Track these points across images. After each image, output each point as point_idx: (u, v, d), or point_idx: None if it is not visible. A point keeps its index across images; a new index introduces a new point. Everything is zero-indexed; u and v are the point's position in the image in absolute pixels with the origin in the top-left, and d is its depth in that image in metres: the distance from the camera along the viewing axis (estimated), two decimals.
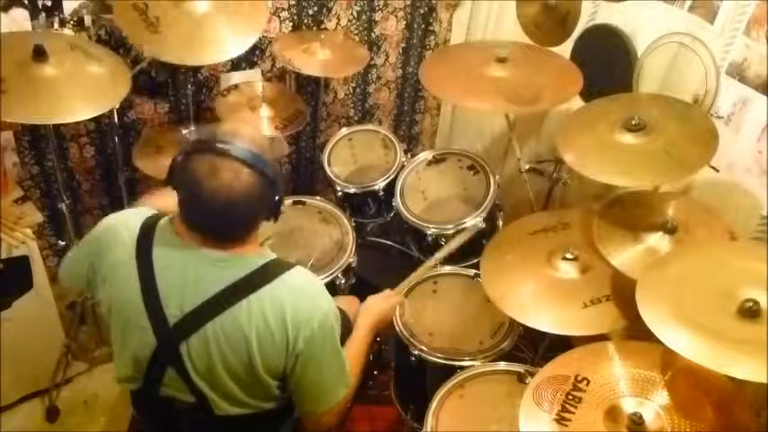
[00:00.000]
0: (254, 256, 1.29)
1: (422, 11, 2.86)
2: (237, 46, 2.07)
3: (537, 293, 1.71)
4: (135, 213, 1.37)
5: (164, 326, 1.25)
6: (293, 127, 2.42)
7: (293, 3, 2.55)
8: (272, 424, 1.47)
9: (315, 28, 2.65)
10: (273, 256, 1.33)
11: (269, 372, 1.29)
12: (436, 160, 2.35)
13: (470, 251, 2.08)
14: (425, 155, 2.37)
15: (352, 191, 2.35)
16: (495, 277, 1.80)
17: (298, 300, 1.27)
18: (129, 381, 1.35)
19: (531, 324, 1.64)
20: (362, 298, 1.92)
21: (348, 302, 1.74)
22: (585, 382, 1.34)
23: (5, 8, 2.02)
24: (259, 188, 1.23)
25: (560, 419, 1.28)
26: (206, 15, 2.00)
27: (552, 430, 1.27)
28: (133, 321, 1.27)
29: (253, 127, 1.35)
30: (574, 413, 1.28)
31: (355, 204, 2.40)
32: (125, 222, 1.35)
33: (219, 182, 1.19)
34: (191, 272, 1.25)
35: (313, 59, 2.39)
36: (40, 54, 1.78)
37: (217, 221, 1.24)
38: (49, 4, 2.09)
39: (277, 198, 1.29)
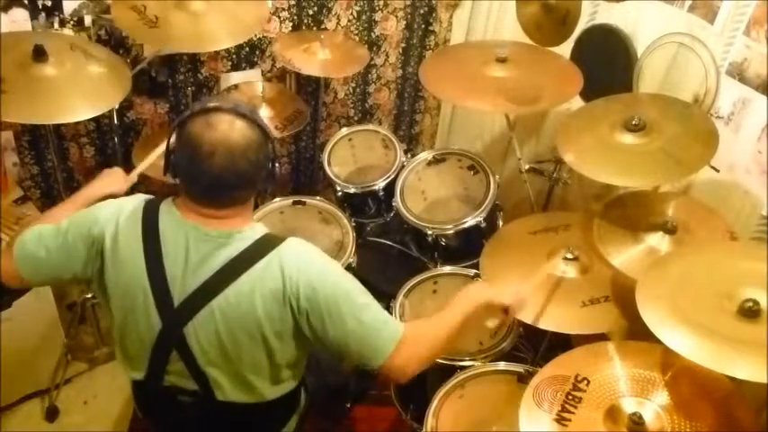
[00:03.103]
0: (248, 229, 1.30)
1: (422, 11, 2.86)
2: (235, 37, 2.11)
3: (536, 291, 1.71)
4: (130, 198, 1.36)
5: (169, 307, 1.25)
6: (293, 127, 2.42)
7: (293, 3, 2.55)
8: (275, 419, 1.47)
9: (315, 28, 2.65)
10: (267, 230, 1.33)
11: (281, 338, 1.29)
12: (436, 160, 2.35)
13: (471, 251, 2.08)
14: (425, 155, 2.37)
15: (352, 191, 2.35)
16: (494, 274, 1.80)
17: (293, 262, 1.27)
18: (134, 368, 1.35)
19: (528, 321, 1.64)
20: None
21: None
22: (585, 382, 1.33)
23: (5, 8, 2.02)
24: (256, 138, 1.24)
25: (560, 419, 1.28)
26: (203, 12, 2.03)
27: (552, 430, 1.26)
28: (139, 303, 1.27)
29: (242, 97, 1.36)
30: (574, 413, 1.28)
31: (355, 204, 2.40)
32: (120, 205, 1.34)
33: (216, 133, 1.20)
34: (193, 251, 1.26)
35: (313, 59, 2.39)
36: (40, 54, 1.78)
37: (219, 180, 1.23)
38: (49, 4, 2.09)
39: (273, 160, 1.31)
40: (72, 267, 1.32)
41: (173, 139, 1.28)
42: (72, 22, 2.16)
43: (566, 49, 2.32)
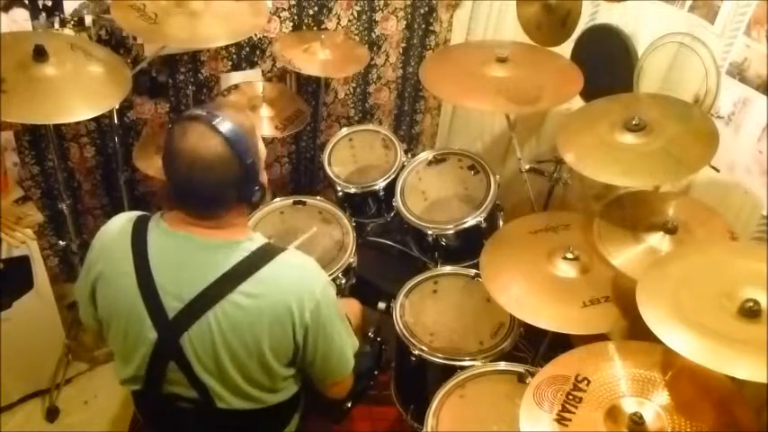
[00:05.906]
0: (245, 240, 1.29)
1: (422, 11, 2.86)
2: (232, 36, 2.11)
3: (536, 291, 1.71)
4: (123, 215, 1.37)
5: (163, 319, 1.24)
6: (293, 127, 2.42)
7: (293, 3, 2.55)
8: (276, 422, 1.47)
9: (315, 28, 2.65)
10: (265, 240, 1.33)
11: (277, 355, 1.29)
12: (436, 160, 2.35)
13: (471, 251, 2.08)
14: (426, 155, 2.37)
15: (352, 191, 2.36)
16: (494, 273, 1.80)
17: (296, 276, 1.29)
18: (133, 381, 1.35)
19: (528, 320, 1.64)
20: (362, 298, 1.93)
21: (348, 304, 1.73)
22: (586, 382, 1.33)
23: (6, 8, 2.02)
24: (224, 158, 1.20)
25: (560, 419, 1.28)
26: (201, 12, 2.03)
27: (552, 430, 1.26)
28: (133, 318, 1.27)
29: (244, 114, 1.34)
30: (574, 413, 1.28)
31: (355, 204, 2.40)
32: (113, 226, 1.35)
33: (185, 143, 1.20)
34: (186, 261, 1.25)
35: (313, 59, 2.39)
36: (40, 54, 1.78)
37: (186, 188, 1.24)
38: (50, 4, 2.09)
39: (251, 181, 1.26)
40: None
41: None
42: (72, 22, 2.16)
43: (566, 49, 2.32)
